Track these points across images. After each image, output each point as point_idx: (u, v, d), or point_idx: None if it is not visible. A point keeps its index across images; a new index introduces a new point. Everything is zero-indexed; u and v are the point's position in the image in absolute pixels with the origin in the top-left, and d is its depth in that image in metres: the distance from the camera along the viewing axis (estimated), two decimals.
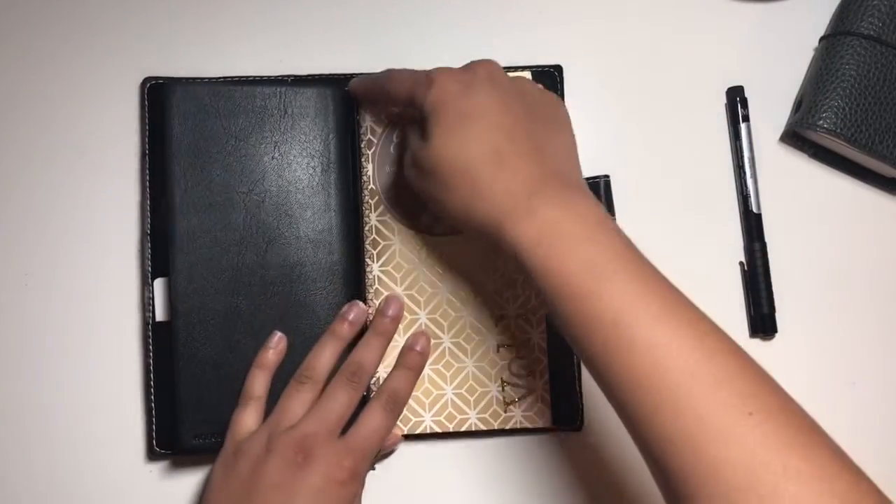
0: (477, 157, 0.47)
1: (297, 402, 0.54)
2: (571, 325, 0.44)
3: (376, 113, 0.59)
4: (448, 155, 0.48)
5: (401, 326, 0.57)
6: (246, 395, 0.55)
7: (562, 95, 0.60)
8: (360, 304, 0.57)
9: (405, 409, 0.57)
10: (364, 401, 0.55)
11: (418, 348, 0.57)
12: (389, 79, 0.54)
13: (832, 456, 0.39)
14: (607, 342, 0.42)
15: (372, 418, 0.54)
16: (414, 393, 0.57)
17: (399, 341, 0.57)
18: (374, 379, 0.57)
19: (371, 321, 0.57)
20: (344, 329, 0.56)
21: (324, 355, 0.55)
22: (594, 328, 0.43)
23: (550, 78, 0.61)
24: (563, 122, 0.52)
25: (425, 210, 0.58)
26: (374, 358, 0.56)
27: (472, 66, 0.51)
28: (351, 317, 0.56)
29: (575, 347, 0.45)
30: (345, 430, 0.53)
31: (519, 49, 0.63)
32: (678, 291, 0.44)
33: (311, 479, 0.50)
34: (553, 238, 0.45)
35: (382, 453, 0.57)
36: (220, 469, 0.53)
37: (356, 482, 0.52)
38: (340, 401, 0.54)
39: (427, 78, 0.50)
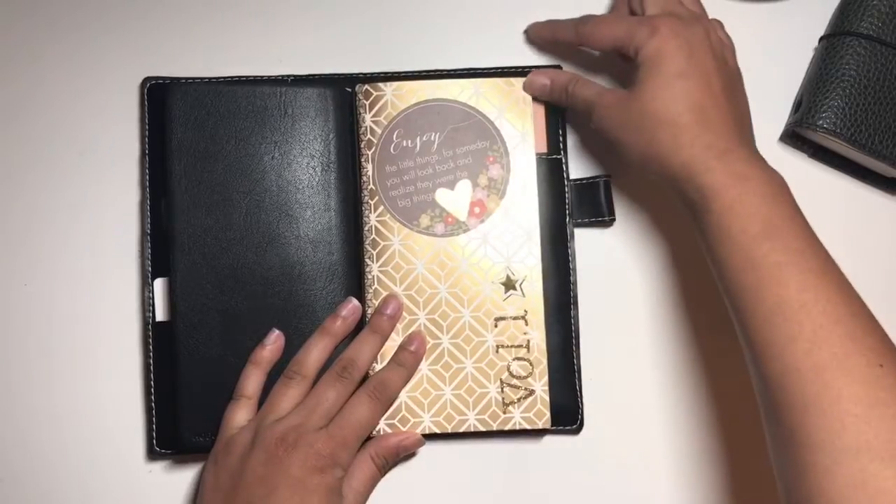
0: (685, 114, 0.51)
1: (284, 397, 0.54)
2: (733, 260, 0.49)
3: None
4: (657, 107, 0.52)
5: (399, 326, 0.57)
6: (238, 392, 0.55)
7: None
8: (355, 301, 0.57)
9: (404, 410, 0.57)
10: None
11: (412, 348, 0.57)
12: (596, 23, 0.56)
13: None
14: (763, 278, 0.47)
15: (356, 405, 0.54)
16: (412, 393, 0.57)
17: (397, 341, 0.57)
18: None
19: (368, 319, 0.57)
20: (336, 325, 0.56)
21: (314, 351, 0.56)
22: (756, 265, 0.48)
23: None
24: (744, 90, 0.56)
25: (425, 211, 0.58)
26: (368, 355, 0.56)
27: (693, 22, 0.54)
28: (344, 313, 0.57)
29: (729, 281, 0.49)
30: None
31: (519, 49, 0.63)
32: (832, 259, 0.49)
33: (290, 469, 0.50)
34: (742, 187, 0.49)
35: (403, 455, 0.57)
36: (211, 465, 0.53)
37: (337, 469, 0.52)
38: (328, 396, 0.54)
39: (650, 26, 0.53)
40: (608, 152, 0.61)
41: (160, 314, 0.58)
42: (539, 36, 0.61)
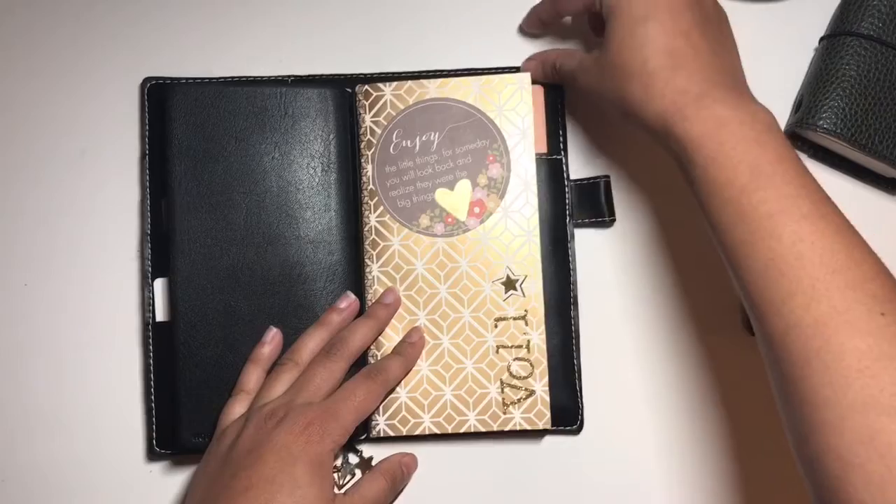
0: (652, 59, 0.49)
1: (277, 382, 0.54)
2: (723, 215, 0.47)
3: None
4: (624, 59, 0.50)
5: (400, 327, 0.57)
6: (237, 388, 0.55)
7: (561, 96, 0.60)
8: (353, 295, 0.57)
9: (404, 411, 0.57)
10: None
11: (411, 340, 0.57)
12: None
13: None
14: (756, 232, 0.45)
15: (351, 384, 0.54)
16: (413, 394, 0.57)
17: (396, 340, 0.57)
18: None
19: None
20: (332, 318, 0.56)
21: (309, 341, 0.56)
22: (746, 219, 0.45)
23: None
24: (729, 31, 0.53)
25: (425, 211, 0.58)
26: (359, 337, 0.56)
27: None
28: (342, 305, 0.57)
29: (721, 236, 0.47)
30: None
31: (518, 49, 0.63)
32: (829, 199, 0.46)
33: (278, 437, 0.50)
34: (722, 135, 0.47)
35: (407, 472, 0.57)
36: (206, 455, 0.53)
37: (326, 438, 0.50)
38: (318, 373, 0.54)
39: None
40: (608, 152, 0.62)
41: (160, 314, 0.58)
42: (529, 26, 0.61)
